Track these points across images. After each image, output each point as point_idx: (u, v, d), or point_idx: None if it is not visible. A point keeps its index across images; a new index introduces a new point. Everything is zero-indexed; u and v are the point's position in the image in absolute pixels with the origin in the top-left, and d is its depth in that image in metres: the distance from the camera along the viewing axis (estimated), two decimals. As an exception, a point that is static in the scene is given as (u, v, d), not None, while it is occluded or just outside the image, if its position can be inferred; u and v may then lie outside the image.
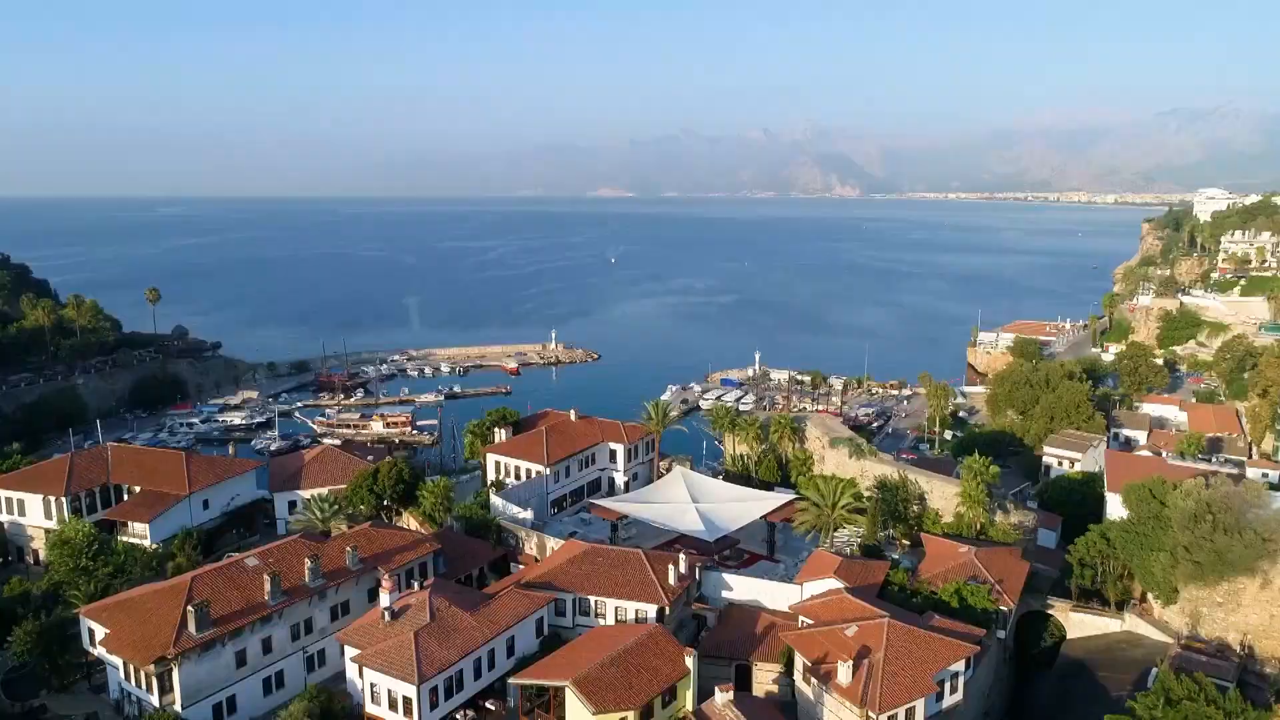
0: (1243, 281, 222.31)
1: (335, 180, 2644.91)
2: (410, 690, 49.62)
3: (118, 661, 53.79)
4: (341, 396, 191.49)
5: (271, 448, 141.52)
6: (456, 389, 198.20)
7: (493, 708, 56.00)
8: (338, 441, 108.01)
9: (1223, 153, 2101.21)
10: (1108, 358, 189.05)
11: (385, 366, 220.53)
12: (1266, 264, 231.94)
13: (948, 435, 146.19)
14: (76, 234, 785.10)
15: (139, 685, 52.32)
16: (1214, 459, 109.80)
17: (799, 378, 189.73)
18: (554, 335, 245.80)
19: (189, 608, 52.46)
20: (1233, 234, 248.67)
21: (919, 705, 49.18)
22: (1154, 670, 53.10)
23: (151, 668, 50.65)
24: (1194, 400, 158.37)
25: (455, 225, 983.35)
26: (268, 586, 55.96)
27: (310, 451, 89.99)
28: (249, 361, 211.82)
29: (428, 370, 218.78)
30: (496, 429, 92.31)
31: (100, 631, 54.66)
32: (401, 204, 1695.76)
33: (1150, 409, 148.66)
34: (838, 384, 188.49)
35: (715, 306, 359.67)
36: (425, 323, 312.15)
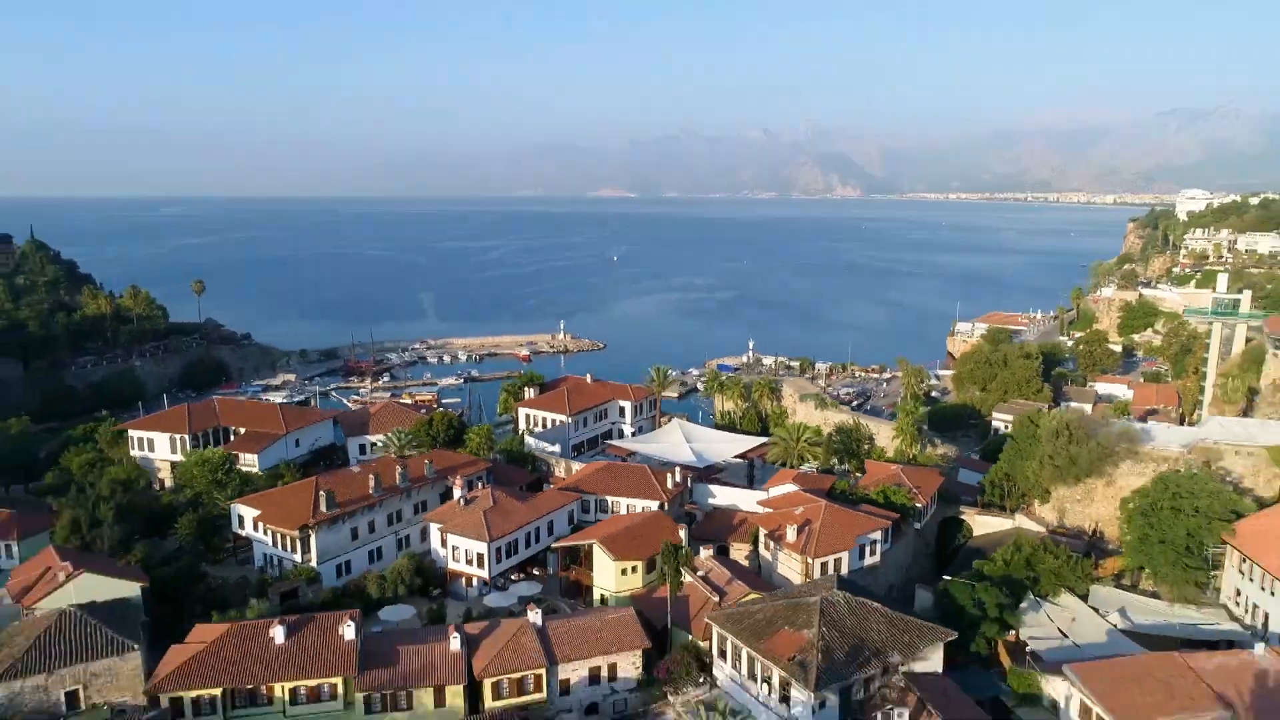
0: (1198, 275, 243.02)
1: (335, 180, 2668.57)
2: (483, 548, 70.44)
3: (266, 537, 74.62)
4: (370, 380, 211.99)
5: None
6: (474, 373, 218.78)
7: (537, 573, 76.72)
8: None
9: (1223, 153, 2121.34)
10: (1070, 344, 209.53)
11: (407, 354, 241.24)
12: (1223, 258, 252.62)
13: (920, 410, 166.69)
14: (78, 234, 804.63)
15: (285, 549, 73.14)
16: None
17: (789, 363, 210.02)
18: (562, 326, 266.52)
19: (320, 493, 73.37)
20: (1194, 231, 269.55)
21: (844, 557, 69.89)
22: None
23: (297, 533, 71.49)
24: (1142, 380, 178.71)
25: (456, 225, 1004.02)
26: (372, 483, 76.87)
27: (375, 405, 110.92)
28: (282, 349, 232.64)
29: (446, 358, 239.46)
30: (527, 388, 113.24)
31: (250, 515, 75.53)
32: (401, 204, 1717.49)
33: (1101, 387, 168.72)
34: (823, 368, 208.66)
35: (714, 302, 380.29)
36: (439, 316, 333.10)
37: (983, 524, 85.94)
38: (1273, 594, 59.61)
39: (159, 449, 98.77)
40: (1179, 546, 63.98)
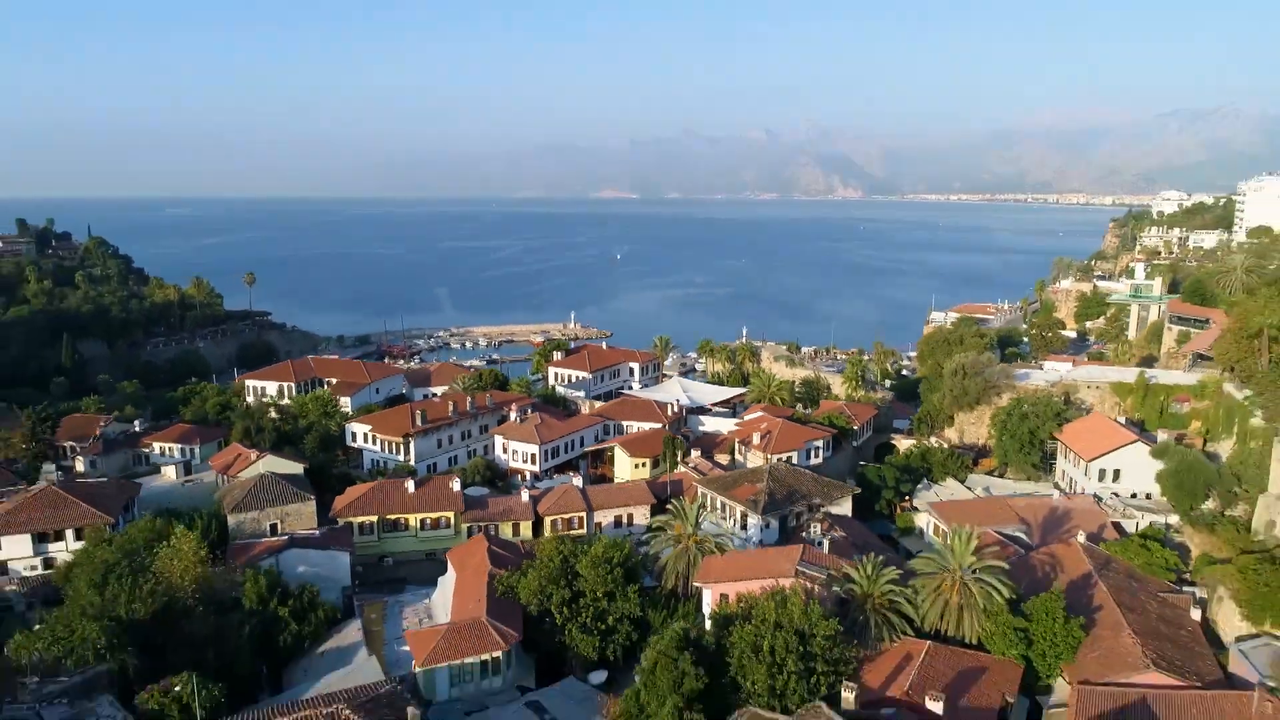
0: (1149, 268, 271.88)
1: (335, 181, 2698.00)
2: (534, 449, 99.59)
3: (375, 446, 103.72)
4: (402, 362, 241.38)
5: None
6: (495, 356, 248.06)
7: (571, 474, 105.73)
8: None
9: (1224, 153, 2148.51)
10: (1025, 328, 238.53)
11: (433, 340, 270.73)
12: (1172, 254, 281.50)
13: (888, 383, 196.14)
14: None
15: (390, 452, 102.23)
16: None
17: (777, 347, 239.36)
18: (573, 316, 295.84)
19: (415, 412, 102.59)
20: (1150, 230, 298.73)
21: (794, 456, 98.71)
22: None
23: (401, 439, 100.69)
24: (1086, 359, 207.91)
25: (459, 225, 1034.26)
26: (450, 408, 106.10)
27: (433, 365, 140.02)
28: (320, 335, 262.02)
29: (468, 343, 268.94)
30: (555, 352, 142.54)
31: (363, 430, 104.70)
32: (403, 204, 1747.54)
33: (1050, 364, 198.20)
34: (809, 351, 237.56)
35: (712, 297, 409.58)
36: (455, 309, 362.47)
37: (906, 444, 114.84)
38: (1078, 467, 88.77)
39: (269, 393, 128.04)
40: (1023, 441, 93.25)
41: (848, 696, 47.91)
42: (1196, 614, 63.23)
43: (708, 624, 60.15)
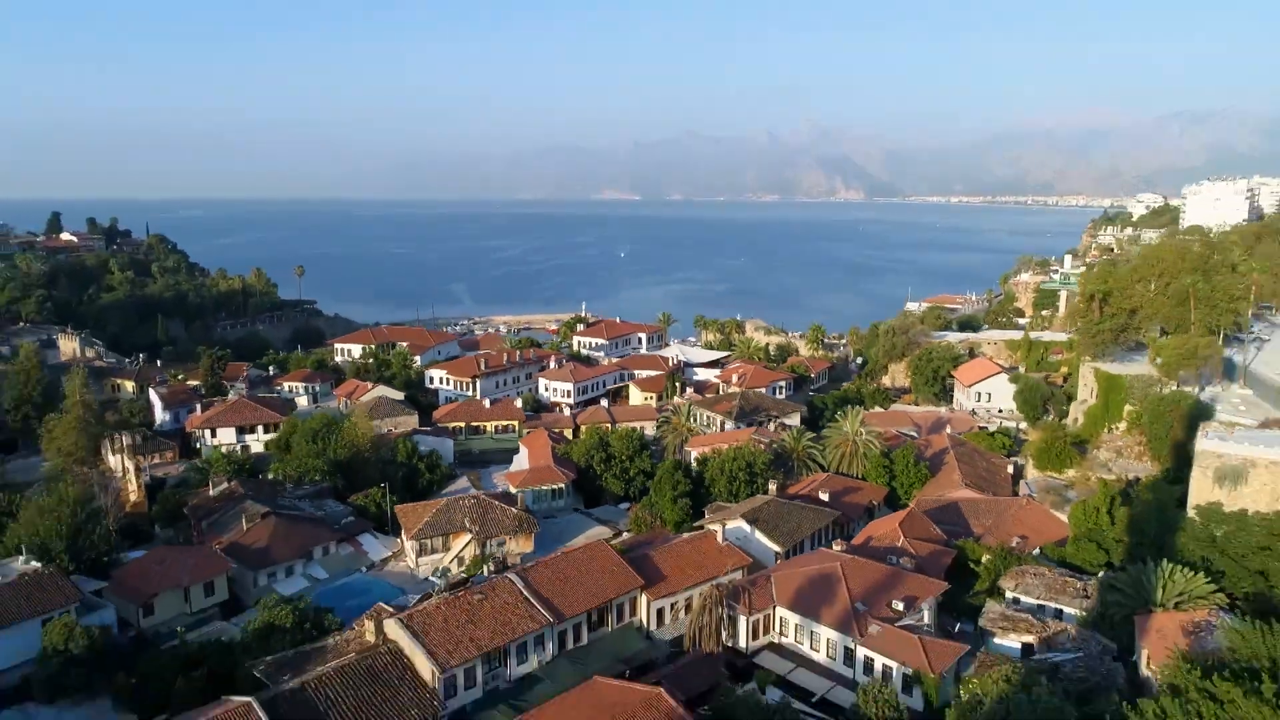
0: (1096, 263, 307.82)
1: (336, 181, 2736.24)
2: (570, 386, 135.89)
3: (449, 386, 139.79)
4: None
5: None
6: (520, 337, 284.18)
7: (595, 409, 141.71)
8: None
9: (1225, 155, 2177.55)
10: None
11: (458, 327, 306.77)
12: (1122, 251, 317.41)
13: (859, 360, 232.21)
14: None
15: (461, 390, 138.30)
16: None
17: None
18: (584, 306, 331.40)
19: (479, 360, 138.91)
20: (1104, 229, 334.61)
21: (763, 390, 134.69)
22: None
23: (470, 379, 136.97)
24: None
25: (467, 226, 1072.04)
26: (505, 358, 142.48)
27: (480, 335, 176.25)
28: (359, 321, 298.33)
29: (490, 330, 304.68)
30: (578, 324, 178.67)
31: (440, 374, 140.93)
32: (406, 206, 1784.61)
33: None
34: (795, 334, 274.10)
35: (711, 292, 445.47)
36: (474, 301, 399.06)
37: (847, 385, 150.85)
38: (963, 393, 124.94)
39: (354, 354, 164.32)
40: (928, 376, 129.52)
41: (771, 487, 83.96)
42: (1011, 470, 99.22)
43: (694, 466, 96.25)
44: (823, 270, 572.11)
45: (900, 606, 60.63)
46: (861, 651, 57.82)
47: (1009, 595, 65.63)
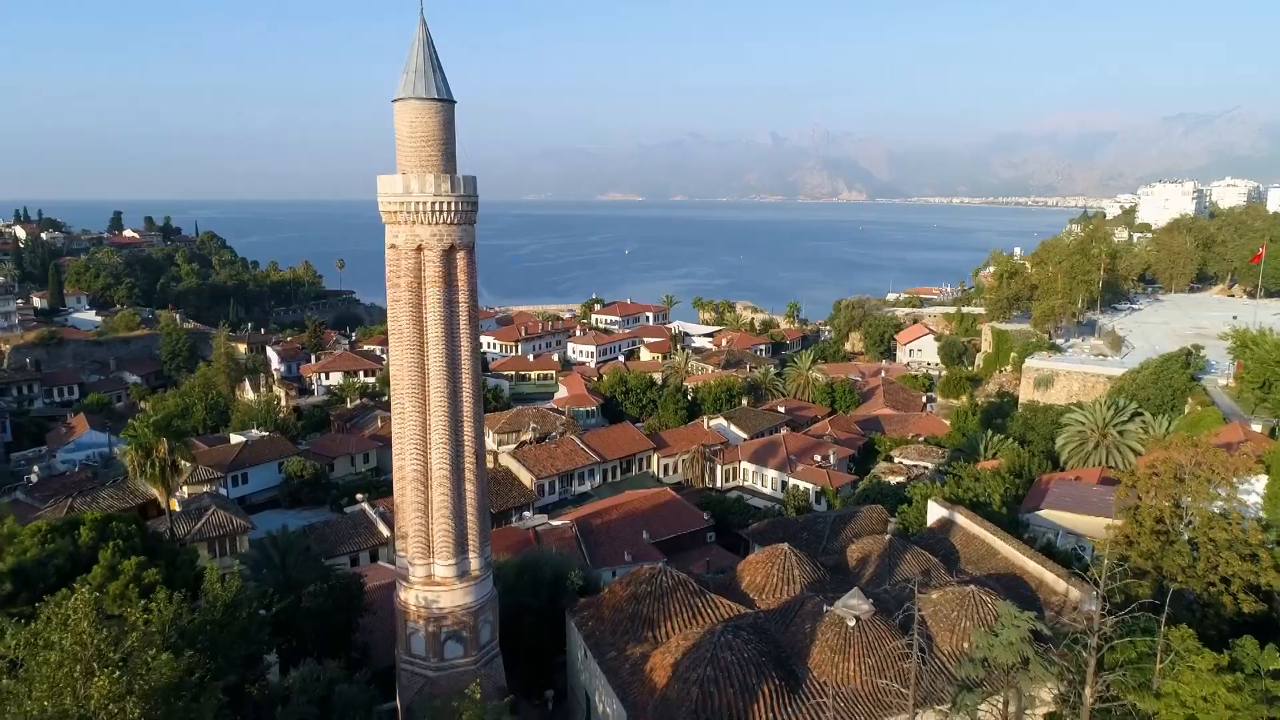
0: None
1: (337, 183, 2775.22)
2: (593, 348, 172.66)
3: (496, 348, 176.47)
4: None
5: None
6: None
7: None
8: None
9: (1229, 157, 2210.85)
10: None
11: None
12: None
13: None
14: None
15: (505, 352, 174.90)
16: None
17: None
18: (594, 296, 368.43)
19: (520, 328, 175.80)
20: (1071, 228, 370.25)
21: (747, 351, 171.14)
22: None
23: (513, 342, 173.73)
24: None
25: (479, 226, 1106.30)
26: (540, 326, 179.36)
27: (514, 312, 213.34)
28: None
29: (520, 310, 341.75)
30: (596, 304, 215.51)
31: (487, 340, 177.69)
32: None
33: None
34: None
35: (711, 286, 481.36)
36: (491, 294, 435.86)
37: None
38: (901, 350, 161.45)
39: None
40: (876, 339, 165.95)
41: (744, 402, 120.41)
42: (924, 400, 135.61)
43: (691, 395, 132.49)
44: (817, 267, 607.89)
45: (818, 460, 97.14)
46: (791, 481, 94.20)
47: (896, 460, 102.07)
